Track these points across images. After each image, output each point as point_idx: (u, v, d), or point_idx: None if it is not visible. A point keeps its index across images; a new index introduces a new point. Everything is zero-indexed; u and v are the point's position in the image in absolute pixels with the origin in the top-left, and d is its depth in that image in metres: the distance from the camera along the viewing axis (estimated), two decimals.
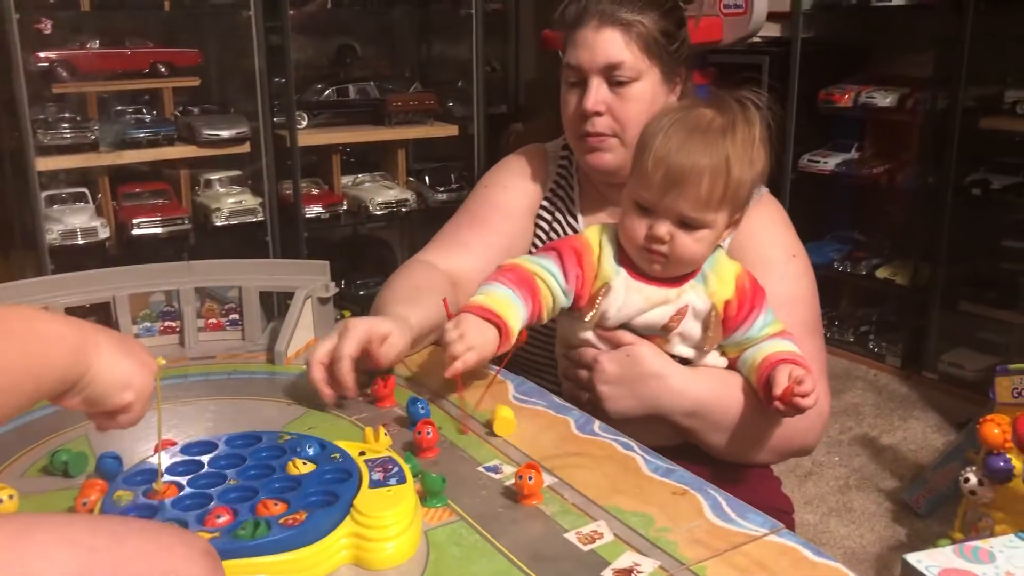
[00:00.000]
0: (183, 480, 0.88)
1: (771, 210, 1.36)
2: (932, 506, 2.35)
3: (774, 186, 1.39)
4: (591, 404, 1.19)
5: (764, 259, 1.29)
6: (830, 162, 3.35)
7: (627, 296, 1.16)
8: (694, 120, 1.11)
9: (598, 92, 1.31)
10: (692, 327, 1.17)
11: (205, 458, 0.92)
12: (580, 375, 1.21)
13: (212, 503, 0.83)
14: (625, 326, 1.18)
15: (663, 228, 1.11)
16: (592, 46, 1.30)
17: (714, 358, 1.22)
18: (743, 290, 1.18)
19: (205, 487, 0.87)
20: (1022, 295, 2.96)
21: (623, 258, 1.17)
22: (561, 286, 1.16)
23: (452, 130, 3.46)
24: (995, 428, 1.56)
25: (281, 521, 0.79)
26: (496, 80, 4.05)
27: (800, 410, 1.10)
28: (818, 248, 3.35)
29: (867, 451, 2.71)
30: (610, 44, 1.30)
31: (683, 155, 1.09)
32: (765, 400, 1.14)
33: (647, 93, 1.31)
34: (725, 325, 1.17)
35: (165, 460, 0.91)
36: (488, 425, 1.08)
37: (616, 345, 1.18)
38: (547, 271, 1.16)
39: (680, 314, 1.16)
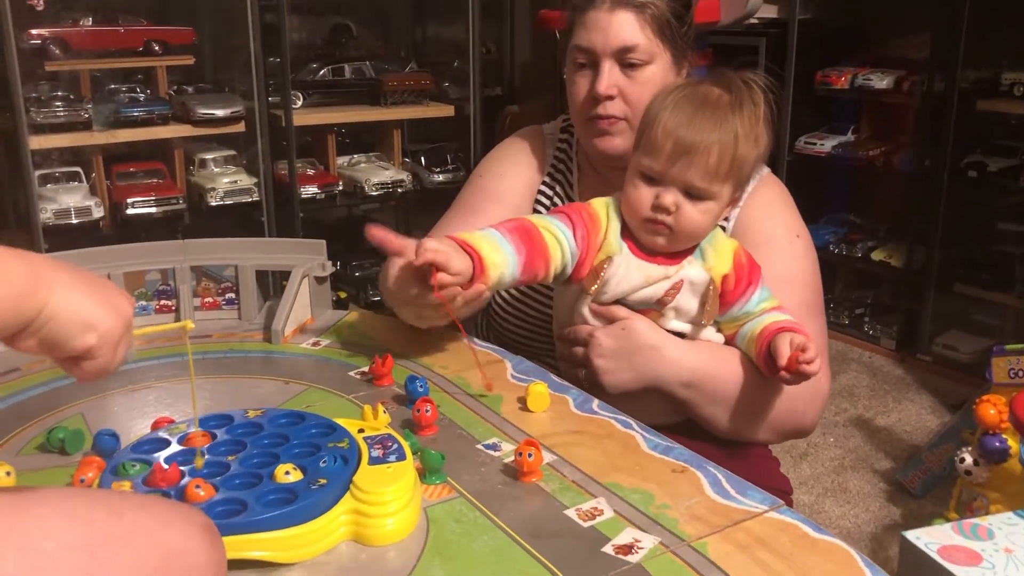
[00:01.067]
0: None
1: (774, 190, 1.36)
2: (927, 486, 2.35)
3: (771, 169, 1.39)
4: (588, 381, 1.19)
5: (767, 238, 1.29)
6: (826, 144, 3.34)
7: (627, 273, 1.16)
8: (703, 95, 1.13)
9: (611, 75, 1.29)
10: (688, 301, 1.17)
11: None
12: (576, 352, 1.21)
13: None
14: (620, 301, 1.18)
15: (670, 197, 1.12)
16: (605, 28, 1.28)
17: (710, 334, 1.22)
18: (740, 265, 1.19)
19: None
20: (1017, 277, 2.96)
21: (627, 234, 1.18)
22: (570, 245, 1.16)
23: (448, 111, 3.44)
24: (991, 408, 1.56)
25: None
26: (491, 62, 4.03)
27: (806, 377, 1.10)
28: (814, 230, 3.29)
29: (862, 432, 2.72)
30: (624, 26, 1.27)
31: (695, 127, 1.11)
32: (767, 370, 1.14)
33: (658, 76, 1.29)
34: (722, 300, 1.18)
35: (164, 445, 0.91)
36: (521, 401, 1.08)
37: (611, 321, 1.18)
38: (556, 227, 1.17)
39: (675, 288, 1.16)
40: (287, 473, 0.82)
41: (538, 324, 1.39)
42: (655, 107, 1.15)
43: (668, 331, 1.18)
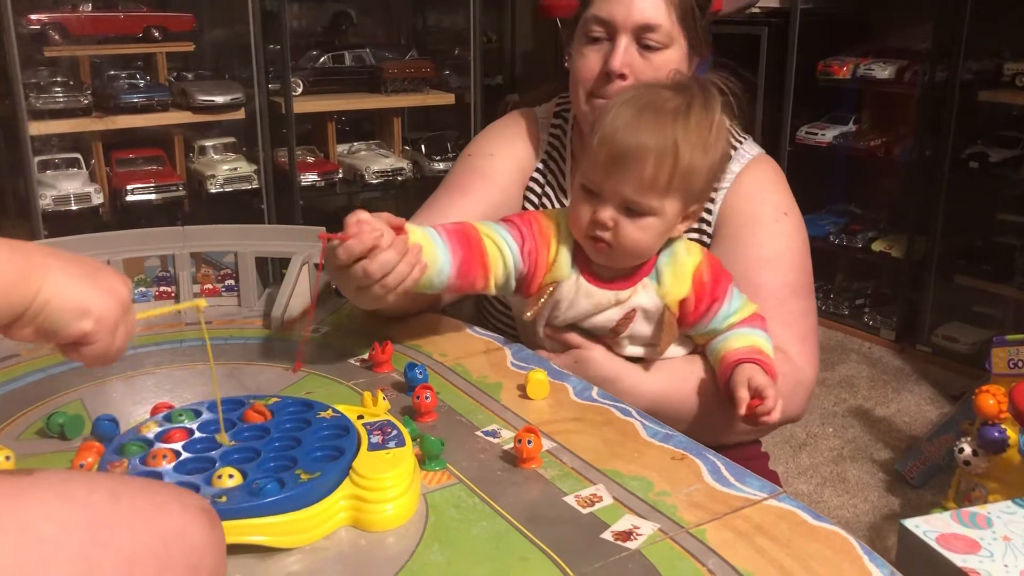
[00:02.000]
0: (178, 446, 0.87)
1: (765, 169, 1.32)
2: (926, 476, 2.36)
3: (772, 158, 1.38)
4: None
5: (753, 216, 1.27)
6: (827, 134, 3.34)
7: (575, 299, 1.12)
8: (647, 99, 1.06)
9: (627, 52, 1.22)
10: (642, 328, 1.13)
11: (194, 424, 0.92)
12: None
13: (216, 465, 0.83)
14: (573, 326, 1.15)
15: (606, 213, 1.06)
16: (629, 1, 1.22)
17: (672, 349, 1.17)
18: (701, 284, 1.12)
19: (203, 450, 0.86)
20: (1017, 269, 2.97)
21: (579, 254, 1.13)
22: (514, 258, 1.12)
23: (448, 99, 3.44)
24: (990, 399, 1.57)
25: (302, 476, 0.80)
26: (492, 50, 4.02)
27: (766, 425, 1.07)
28: (814, 221, 3.35)
29: (861, 423, 2.73)
30: (649, 3, 1.22)
31: (628, 134, 1.03)
32: (730, 404, 1.09)
33: (673, 64, 1.23)
34: (683, 321, 1.13)
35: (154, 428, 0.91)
36: (520, 388, 1.07)
37: (565, 346, 1.16)
38: (500, 236, 1.12)
39: (628, 318, 1.12)
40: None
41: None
42: (607, 106, 1.09)
43: (625, 356, 1.15)
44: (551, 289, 1.12)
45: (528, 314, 1.12)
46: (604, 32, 1.25)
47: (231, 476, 0.80)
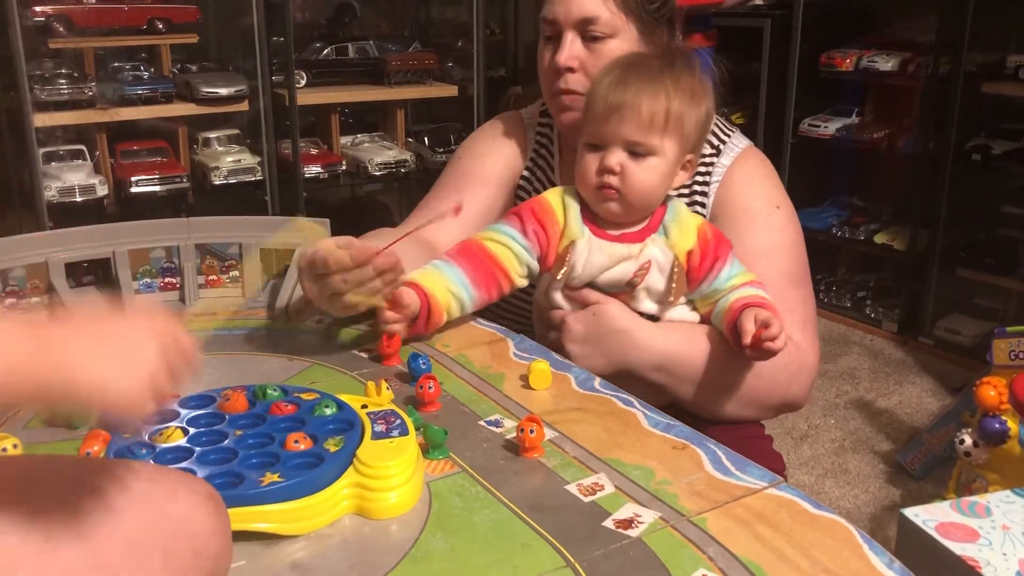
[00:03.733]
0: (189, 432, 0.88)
1: (754, 162, 1.35)
2: (927, 468, 2.37)
3: (774, 150, 1.40)
4: None
5: (746, 210, 1.29)
6: (830, 127, 3.33)
7: (590, 255, 1.17)
8: (633, 60, 1.19)
9: (571, 47, 1.29)
10: (657, 281, 1.18)
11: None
12: (549, 338, 1.22)
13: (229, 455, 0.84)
14: (591, 285, 1.19)
15: (613, 158, 1.14)
16: (567, 0, 1.28)
17: (684, 312, 1.22)
18: (705, 240, 1.19)
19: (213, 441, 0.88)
20: (1020, 262, 2.96)
21: (587, 216, 1.20)
22: (521, 244, 1.20)
23: (452, 91, 3.44)
24: (991, 390, 1.57)
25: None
26: (495, 43, 4.02)
27: (772, 353, 1.10)
28: (817, 213, 3.35)
29: (863, 414, 2.73)
30: None
31: (622, 85, 1.14)
32: (736, 347, 1.14)
33: (622, 50, 1.28)
34: (689, 276, 1.18)
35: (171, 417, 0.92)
36: (523, 378, 1.08)
37: (583, 304, 1.19)
38: (503, 234, 1.20)
39: (643, 269, 1.17)
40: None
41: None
42: (594, 79, 1.20)
43: (640, 313, 1.19)
44: (570, 248, 1.18)
45: (558, 276, 1.18)
46: (553, 31, 1.31)
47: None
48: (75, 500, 0.58)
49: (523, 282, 1.22)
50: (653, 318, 1.20)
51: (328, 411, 0.90)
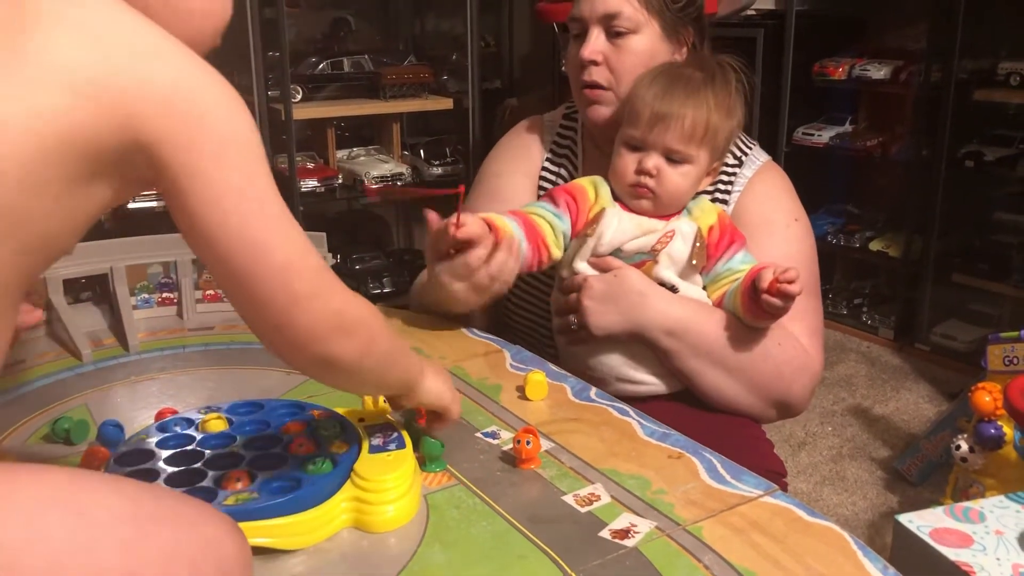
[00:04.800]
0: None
1: (774, 176, 1.40)
2: (924, 474, 2.37)
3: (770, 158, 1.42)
4: (576, 327, 1.25)
5: (765, 221, 1.34)
6: (824, 135, 3.34)
7: (620, 224, 1.25)
8: (678, 72, 1.26)
9: (596, 42, 1.33)
10: (679, 249, 1.24)
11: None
12: (569, 298, 1.26)
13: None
14: (616, 253, 1.25)
15: (651, 161, 1.23)
16: None
17: (698, 293, 1.27)
18: (724, 222, 1.28)
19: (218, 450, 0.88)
20: (1014, 267, 2.97)
21: (616, 197, 1.28)
22: (555, 213, 1.27)
23: (447, 104, 3.44)
24: (986, 396, 1.57)
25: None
26: (490, 55, 4.04)
27: (789, 297, 1.13)
28: (812, 221, 3.31)
29: (860, 421, 2.74)
30: None
31: (669, 97, 1.22)
32: (753, 304, 1.18)
33: (644, 46, 1.33)
34: (708, 251, 1.25)
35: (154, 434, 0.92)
36: (519, 389, 1.09)
37: (606, 270, 1.25)
38: (538, 207, 1.28)
39: (668, 236, 1.24)
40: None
41: (536, 310, 1.41)
42: (637, 83, 1.27)
43: (660, 282, 1.24)
44: (601, 214, 1.25)
45: (590, 231, 1.25)
46: (579, 28, 1.36)
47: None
48: (117, 504, 0.58)
49: (558, 253, 1.28)
50: (672, 289, 1.25)
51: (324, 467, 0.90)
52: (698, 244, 1.24)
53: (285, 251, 0.68)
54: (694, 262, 1.24)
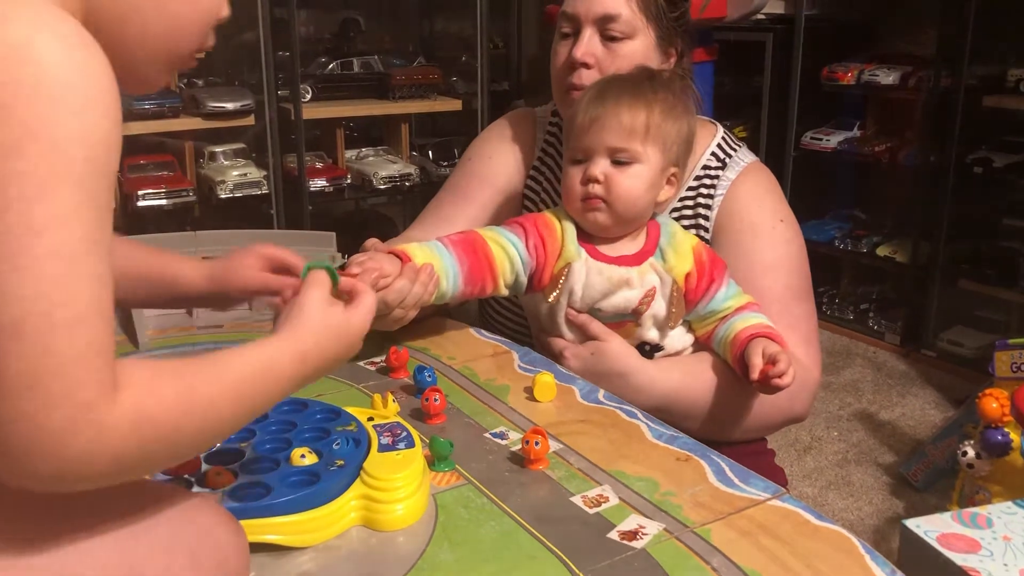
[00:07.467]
0: None
1: (758, 177, 1.35)
2: (930, 480, 2.37)
3: (776, 164, 1.42)
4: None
5: (750, 224, 1.30)
6: (832, 140, 3.35)
7: (588, 277, 1.16)
8: (612, 76, 1.22)
9: (589, 43, 1.28)
10: (659, 307, 1.17)
11: None
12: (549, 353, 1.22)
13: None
14: (593, 312, 1.18)
15: (596, 168, 1.14)
16: None
17: (680, 335, 1.22)
18: (701, 262, 1.19)
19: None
20: (1022, 273, 2.97)
21: (582, 237, 1.18)
22: (521, 255, 1.17)
23: (455, 105, 3.45)
24: (994, 402, 1.57)
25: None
26: (499, 57, 4.04)
27: (779, 389, 1.10)
28: (819, 226, 3.36)
29: (866, 426, 2.74)
30: None
31: (601, 96, 1.15)
32: (744, 378, 1.14)
33: (638, 53, 1.28)
34: (686, 298, 1.18)
35: None
36: (528, 391, 1.09)
37: (584, 333, 1.19)
38: (505, 238, 1.18)
39: (649, 296, 1.16)
40: (303, 456, 0.84)
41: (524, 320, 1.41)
42: (574, 103, 1.20)
43: (645, 340, 1.19)
44: (566, 271, 1.16)
45: (550, 297, 1.16)
46: (571, 27, 1.31)
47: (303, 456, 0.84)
48: (110, 504, 0.59)
49: (505, 292, 1.20)
50: (656, 346, 1.21)
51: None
52: (674, 299, 1.16)
53: (24, 308, 0.49)
54: (671, 324, 1.18)
